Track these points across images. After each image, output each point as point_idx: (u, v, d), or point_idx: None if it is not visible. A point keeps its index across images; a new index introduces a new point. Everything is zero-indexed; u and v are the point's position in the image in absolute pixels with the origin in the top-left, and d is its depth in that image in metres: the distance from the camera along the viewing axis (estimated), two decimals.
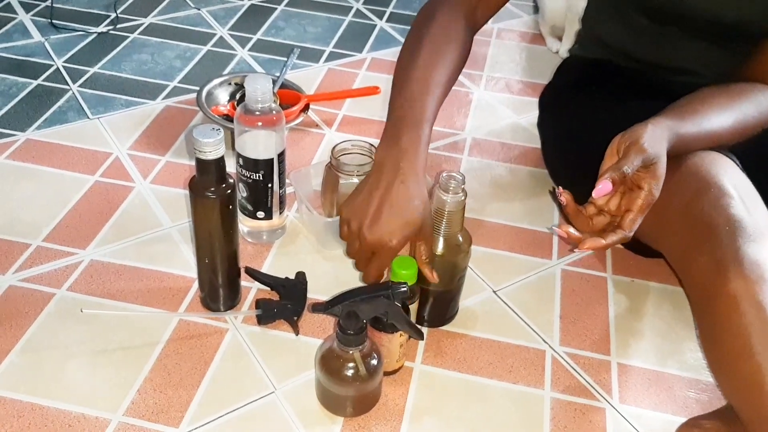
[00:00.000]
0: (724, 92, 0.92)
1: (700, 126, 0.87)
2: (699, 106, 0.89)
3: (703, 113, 0.88)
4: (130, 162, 1.20)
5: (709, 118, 0.88)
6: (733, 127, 0.90)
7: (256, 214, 1.03)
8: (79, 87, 1.38)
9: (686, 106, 0.89)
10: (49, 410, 0.83)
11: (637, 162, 0.78)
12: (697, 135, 0.87)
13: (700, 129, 0.87)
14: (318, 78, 1.47)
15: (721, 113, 0.89)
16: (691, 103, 0.89)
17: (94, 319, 0.93)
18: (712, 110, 0.89)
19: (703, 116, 0.88)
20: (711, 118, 0.88)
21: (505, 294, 1.03)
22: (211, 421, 0.83)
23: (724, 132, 0.89)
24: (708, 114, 0.88)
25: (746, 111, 0.91)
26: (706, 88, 0.93)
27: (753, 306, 0.73)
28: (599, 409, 0.88)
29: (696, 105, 0.89)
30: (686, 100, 0.90)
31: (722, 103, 0.90)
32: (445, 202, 0.85)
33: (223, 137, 0.81)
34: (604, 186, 0.78)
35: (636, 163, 0.78)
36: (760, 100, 0.93)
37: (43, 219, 1.08)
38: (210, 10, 1.69)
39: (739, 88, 0.94)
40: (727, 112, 0.90)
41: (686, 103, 0.89)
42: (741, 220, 0.79)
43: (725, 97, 0.91)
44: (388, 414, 0.85)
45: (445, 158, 1.28)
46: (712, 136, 0.88)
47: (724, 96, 0.92)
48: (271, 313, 0.93)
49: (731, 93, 0.93)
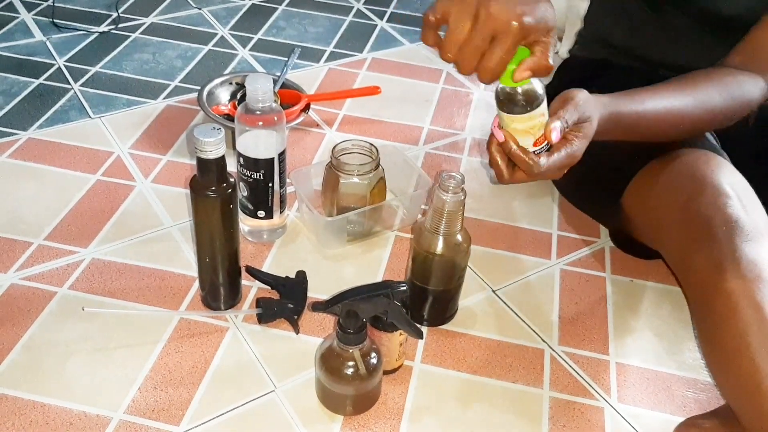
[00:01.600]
0: (691, 76, 0.91)
1: (646, 105, 0.85)
2: (653, 89, 0.87)
3: (654, 93, 0.87)
4: (132, 161, 1.21)
5: (662, 98, 0.86)
6: (692, 108, 0.88)
7: (256, 214, 1.03)
8: (80, 86, 1.39)
9: (639, 89, 0.87)
10: (50, 408, 0.83)
11: (574, 116, 0.77)
12: (642, 113, 0.85)
13: (646, 107, 0.85)
14: (319, 78, 1.48)
15: (677, 93, 0.88)
16: (646, 87, 0.88)
17: (95, 317, 0.93)
18: (669, 91, 0.88)
19: (653, 95, 0.86)
20: (663, 98, 0.86)
21: (504, 293, 1.03)
22: (212, 420, 0.83)
23: (680, 113, 0.87)
24: (661, 94, 0.87)
25: (713, 95, 0.89)
26: (686, 74, 0.92)
27: (750, 305, 0.73)
28: (598, 408, 0.89)
29: (651, 88, 0.88)
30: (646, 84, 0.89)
31: (683, 85, 0.89)
32: (445, 202, 0.85)
33: (223, 136, 0.81)
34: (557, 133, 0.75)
35: (573, 117, 0.76)
36: (726, 82, 0.91)
37: (45, 218, 1.08)
38: (211, 10, 1.70)
39: (709, 72, 0.92)
40: (687, 93, 0.88)
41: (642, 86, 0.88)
42: (738, 220, 0.79)
43: (690, 80, 0.90)
44: (388, 413, 0.86)
45: (445, 158, 1.28)
46: (665, 116, 0.86)
47: (688, 79, 0.90)
48: (272, 311, 0.94)
49: (698, 76, 0.91)
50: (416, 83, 1.49)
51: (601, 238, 1.14)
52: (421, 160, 1.27)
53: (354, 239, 1.08)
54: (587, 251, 1.11)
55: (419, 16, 1.71)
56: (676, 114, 0.88)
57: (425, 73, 1.52)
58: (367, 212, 1.06)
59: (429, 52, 1.59)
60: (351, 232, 1.07)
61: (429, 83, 1.49)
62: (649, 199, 0.92)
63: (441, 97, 1.45)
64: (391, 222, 1.11)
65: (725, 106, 0.90)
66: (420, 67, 1.54)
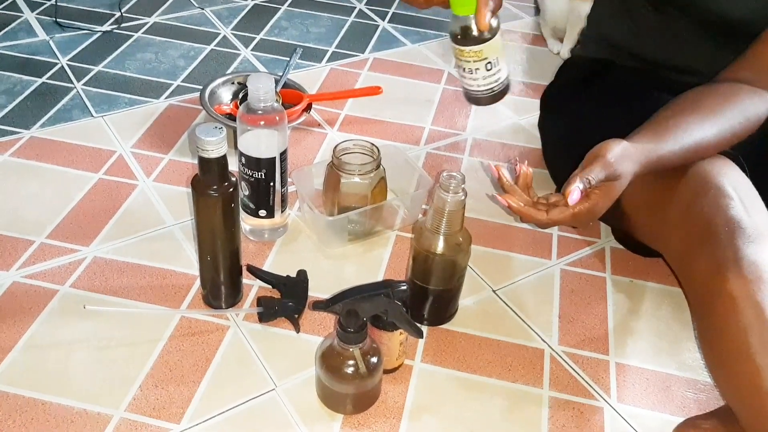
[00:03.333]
0: (708, 99, 0.90)
1: (681, 142, 0.86)
2: (681, 120, 0.87)
3: (685, 128, 0.86)
4: (134, 160, 1.21)
5: (691, 132, 0.86)
6: (717, 138, 0.88)
7: (258, 213, 1.03)
8: (83, 85, 1.39)
9: (668, 120, 0.87)
10: (51, 406, 0.83)
11: (601, 175, 0.79)
12: (678, 152, 0.86)
13: (682, 145, 0.86)
14: (320, 78, 1.48)
15: (703, 124, 0.87)
16: (674, 117, 0.88)
17: (96, 315, 0.94)
18: (695, 122, 0.87)
19: (684, 131, 0.86)
20: (693, 132, 0.86)
21: (505, 293, 1.03)
22: (212, 418, 0.84)
23: (708, 144, 0.88)
24: (690, 128, 0.87)
25: (732, 119, 0.89)
26: (690, 92, 0.91)
27: (751, 306, 0.73)
28: (597, 408, 0.89)
29: (678, 119, 0.87)
30: (670, 111, 0.88)
31: (705, 113, 0.88)
32: (446, 202, 0.85)
33: (225, 136, 0.81)
34: (575, 195, 0.78)
35: (599, 176, 0.79)
36: (746, 105, 0.91)
37: (47, 216, 1.08)
38: (214, 10, 1.70)
39: (724, 93, 0.92)
40: (711, 122, 0.88)
41: (669, 115, 0.88)
42: (740, 221, 0.79)
43: (709, 105, 0.89)
44: (388, 412, 0.86)
45: (446, 158, 1.28)
46: (696, 149, 0.87)
47: (707, 104, 0.90)
48: (273, 310, 0.94)
49: (716, 100, 0.90)
50: (418, 83, 1.49)
51: (602, 238, 1.14)
52: (422, 160, 1.27)
53: (355, 239, 1.08)
54: (588, 251, 1.11)
55: (421, 17, 1.72)
56: (706, 146, 0.88)
57: (427, 74, 1.52)
58: (368, 212, 1.06)
59: (431, 53, 1.59)
60: (352, 231, 1.08)
61: (430, 83, 1.49)
62: (650, 199, 0.92)
63: (442, 98, 1.45)
64: (391, 222, 1.12)
65: (742, 128, 0.91)
66: (421, 68, 1.54)
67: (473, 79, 0.78)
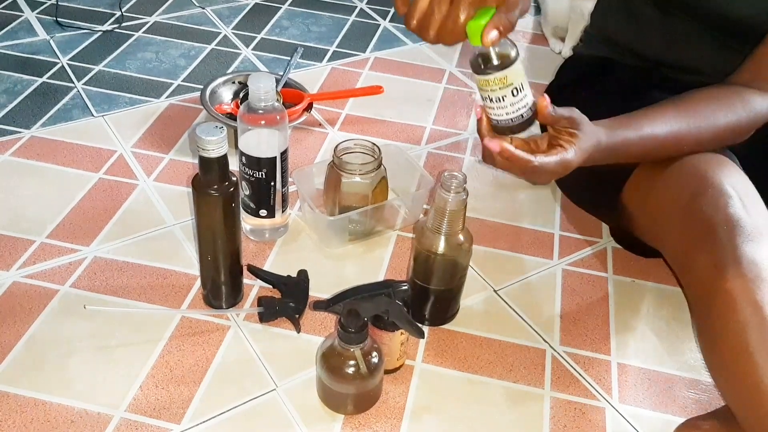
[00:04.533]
0: (689, 97, 0.90)
1: (641, 132, 0.85)
2: (656, 112, 0.87)
3: (653, 118, 0.86)
4: (134, 160, 1.21)
5: (657, 125, 0.86)
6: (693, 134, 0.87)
7: (258, 212, 1.03)
8: (83, 85, 1.39)
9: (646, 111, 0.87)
10: (51, 406, 0.83)
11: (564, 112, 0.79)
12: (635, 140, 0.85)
13: (641, 135, 0.85)
14: (321, 77, 1.48)
15: (677, 119, 0.87)
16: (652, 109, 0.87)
17: (97, 315, 0.93)
18: (668, 117, 0.87)
19: (652, 121, 0.86)
20: (658, 125, 0.86)
21: (506, 293, 1.03)
22: (213, 418, 0.83)
23: (679, 139, 0.87)
24: (659, 120, 0.86)
25: (709, 114, 0.88)
26: (687, 92, 0.91)
27: (750, 305, 0.73)
28: (599, 408, 0.89)
29: (654, 110, 0.87)
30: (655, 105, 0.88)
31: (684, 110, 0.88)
32: (447, 201, 0.85)
33: (226, 135, 0.81)
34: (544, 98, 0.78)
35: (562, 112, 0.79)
36: (730, 101, 0.90)
37: (47, 216, 1.08)
38: (214, 9, 1.70)
39: (710, 91, 0.91)
40: (686, 119, 0.87)
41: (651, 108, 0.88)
42: (739, 220, 0.79)
43: (687, 101, 0.89)
44: (389, 412, 0.86)
45: (447, 158, 1.28)
46: (662, 141, 0.86)
47: (691, 102, 0.89)
48: (273, 310, 0.94)
49: (697, 97, 0.90)
50: (419, 83, 1.49)
51: (603, 238, 1.14)
52: (423, 160, 1.27)
53: (356, 238, 1.08)
54: (589, 251, 1.11)
55: None
56: (674, 140, 0.87)
57: (428, 73, 1.52)
58: (369, 211, 1.06)
59: (432, 52, 1.59)
60: (353, 231, 1.08)
61: (431, 83, 1.49)
62: (649, 197, 0.91)
63: (443, 97, 1.45)
64: (392, 221, 1.12)
65: (730, 125, 0.89)
66: (422, 67, 1.54)
67: (501, 107, 0.77)
